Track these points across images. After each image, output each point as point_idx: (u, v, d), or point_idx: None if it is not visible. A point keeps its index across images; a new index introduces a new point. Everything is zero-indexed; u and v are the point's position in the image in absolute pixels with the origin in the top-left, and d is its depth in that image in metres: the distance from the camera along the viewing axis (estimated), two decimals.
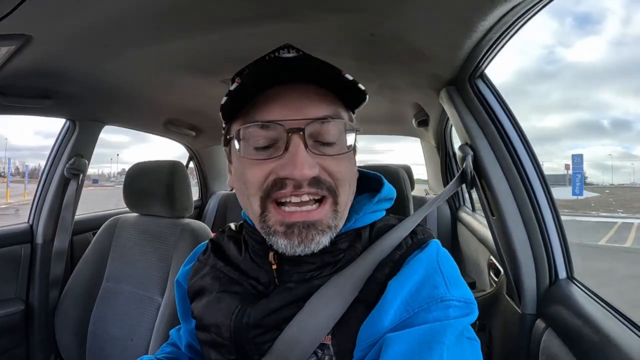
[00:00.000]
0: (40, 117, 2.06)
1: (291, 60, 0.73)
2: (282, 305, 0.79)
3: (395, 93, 2.12)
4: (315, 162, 0.72)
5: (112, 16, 1.14)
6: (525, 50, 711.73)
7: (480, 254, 2.21)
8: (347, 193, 0.78)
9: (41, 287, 2.19)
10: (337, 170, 0.75)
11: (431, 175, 3.79)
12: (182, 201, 1.93)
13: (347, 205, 0.80)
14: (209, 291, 0.92)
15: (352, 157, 0.82)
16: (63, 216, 2.26)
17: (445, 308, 0.68)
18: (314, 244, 0.73)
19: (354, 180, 0.82)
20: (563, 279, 1.32)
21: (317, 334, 0.75)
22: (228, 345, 0.83)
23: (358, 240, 0.84)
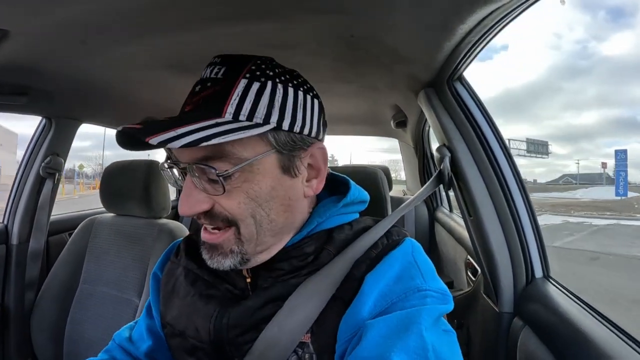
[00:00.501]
0: None
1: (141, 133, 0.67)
2: (261, 304, 0.79)
3: (374, 94, 2.13)
4: (205, 197, 0.74)
5: (90, 13, 1.12)
6: (558, 45, 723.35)
7: (457, 253, 2.23)
8: (249, 225, 0.76)
9: (17, 289, 2.16)
10: (228, 207, 0.74)
11: (409, 176, 3.82)
12: (159, 201, 1.92)
13: (258, 234, 0.77)
14: (183, 295, 0.91)
15: (270, 184, 0.76)
16: (38, 216, 2.23)
17: (422, 297, 0.71)
18: (216, 263, 0.78)
19: (272, 209, 0.78)
20: (539, 277, 1.34)
21: (296, 333, 0.75)
22: (207, 349, 0.84)
23: (330, 243, 0.84)
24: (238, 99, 0.72)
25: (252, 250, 0.78)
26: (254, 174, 0.74)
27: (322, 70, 1.69)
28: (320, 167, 0.84)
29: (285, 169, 0.78)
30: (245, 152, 0.72)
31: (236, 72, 0.75)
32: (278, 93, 0.75)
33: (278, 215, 0.78)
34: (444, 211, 3.06)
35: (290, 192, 0.80)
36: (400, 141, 3.68)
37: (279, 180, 0.77)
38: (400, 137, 3.47)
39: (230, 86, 0.74)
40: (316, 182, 0.84)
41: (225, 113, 0.72)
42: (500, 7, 0.93)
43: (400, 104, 2.28)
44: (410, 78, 1.59)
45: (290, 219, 0.82)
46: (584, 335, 0.96)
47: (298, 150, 0.79)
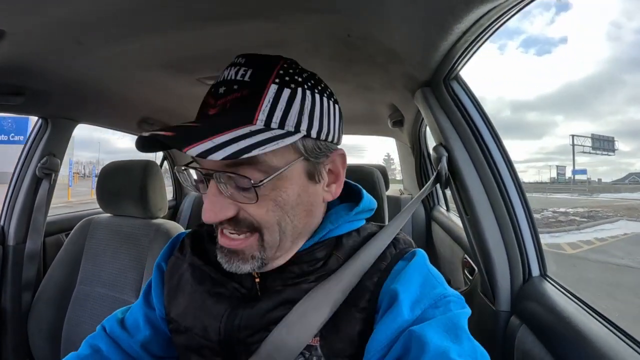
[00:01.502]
0: None
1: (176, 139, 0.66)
2: (273, 306, 0.80)
3: (371, 93, 2.13)
4: (231, 204, 0.73)
5: (86, 13, 1.12)
6: (617, 36, 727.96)
7: (454, 252, 2.23)
8: (274, 232, 0.77)
9: (13, 290, 2.15)
10: (256, 213, 0.74)
11: (405, 175, 3.82)
12: (156, 201, 1.92)
13: (281, 240, 0.78)
14: (189, 291, 0.91)
15: (297, 191, 0.77)
16: (35, 217, 2.22)
17: (447, 303, 0.75)
18: (235, 268, 0.78)
19: (296, 215, 0.79)
20: (536, 276, 1.34)
21: (304, 336, 0.76)
22: (214, 348, 0.84)
23: (339, 248, 0.85)
24: (270, 105, 0.72)
25: (272, 255, 0.79)
26: (283, 181, 0.74)
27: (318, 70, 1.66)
28: (339, 172, 0.85)
29: (310, 175, 0.79)
30: (275, 160, 0.72)
31: (265, 76, 0.74)
32: (307, 100, 0.76)
33: (300, 221, 0.80)
34: (441, 210, 3.06)
35: (313, 197, 0.81)
36: (397, 140, 3.68)
37: (304, 187, 0.78)
38: (397, 136, 3.47)
39: (260, 91, 0.73)
40: (335, 187, 0.85)
41: (256, 120, 0.71)
42: (497, 7, 0.93)
43: (397, 103, 2.28)
44: (406, 77, 1.59)
45: (309, 224, 0.84)
46: (581, 334, 0.97)
47: (322, 157, 0.80)
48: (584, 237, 15.80)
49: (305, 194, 0.78)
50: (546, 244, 13.45)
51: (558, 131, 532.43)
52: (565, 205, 28.55)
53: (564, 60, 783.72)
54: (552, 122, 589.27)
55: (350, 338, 0.77)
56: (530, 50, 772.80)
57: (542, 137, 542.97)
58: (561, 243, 14.24)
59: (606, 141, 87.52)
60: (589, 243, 14.38)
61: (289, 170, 0.74)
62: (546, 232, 16.43)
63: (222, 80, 0.77)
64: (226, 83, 0.75)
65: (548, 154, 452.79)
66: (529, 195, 1.40)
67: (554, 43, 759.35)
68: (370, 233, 0.91)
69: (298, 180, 0.76)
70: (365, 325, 0.77)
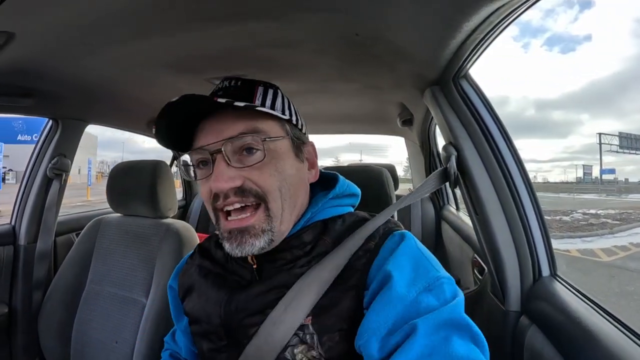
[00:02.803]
0: None
1: (205, 97, 0.86)
2: (265, 290, 0.91)
3: (380, 93, 2.12)
4: (237, 174, 0.87)
5: (94, 14, 1.13)
6: None
7: (464, 252, 2.22)
8: (277, 199, 0.89)
9: (24, 290, 2.17)
10: (261, 179, 0.88)
11: (415, 174, 3.81)
12: (166, 201, 1.92)
13: (283, 209, 0.90)
14: (197, 287, 1.05)
15: (290, 163, 0.94)
16: (46, 217, 2.24)
17: (440, 285, 0.80)
18: (248, 247, 0.87)
19: (292, 184, 0.92)
20: (546, 276, 1.33)
21: (298, 316, 0.85)
22: (219, 332, 0.96)
23: (327, 233, 0.95)
24: (261, 95, 0.95)
25: (277, 228, 0.89)
26: (278, 152, 0.91)
27: (326, 69, 1.69)
28: (314, 160, 1.04)
29: (296, 154, 0.96)
30: (272, 132, 0.91)
31: (251, 82, 0.98)
32: (286, 99, 1.00)
33: (296, 192, 0.94)
34: (451, 209, 3.05)
35: (302, 173, 0.98)
36: (406, 139, 3.67)
37: (294, 162, 0.95)
38: (406, 135, 3.46)
39: (252, 89, 0.96)
40: (314, 172, 1.04)
41: (255, 101, 0.93)
42: (506, 4, 0.93)
43: (406, 103, 2.27)
44: (415, 76, 1.59)
45: (301, 200, 0.97)
46: (591, 334, 0.96)
47: (301, 142, 1.00)
48: (619, 241, 14.80)
49: (296, 168, 0.95)
50: (578, 250, 12.87)
51: (584, 130, 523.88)
52: (595, 206, 27.48)
53: (589, 58, 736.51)
54: (578, 120, 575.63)
55: (340, 314, 0.84)
56: (555, 49, 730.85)
57: (567, 136, 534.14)
58: (594, 249, 13.32)
59: (635, 139, 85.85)
60: (624, 249, 13.39)
61: (281, 143, 0.92)
62: (578, 237, 15.66)
63: (218, 88, 1.00)
64: (222, 89, 0.98)
65: (574, 153, 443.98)
66: (555, 195, 1.38)
67: (578, 41, 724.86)
68: (358, 219, 0.99)
69: (289, 154, 0.94)
70: (353, 301, 0.85)
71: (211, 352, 0.98)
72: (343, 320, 0.84)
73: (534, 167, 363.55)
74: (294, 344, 0.85)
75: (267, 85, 0.99)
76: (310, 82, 1.85)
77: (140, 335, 1.68)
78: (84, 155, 44.99)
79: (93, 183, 29.06)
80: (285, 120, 0.96)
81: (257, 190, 0.87)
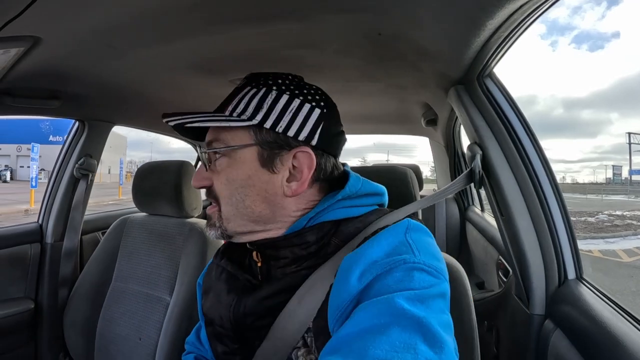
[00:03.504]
0: None
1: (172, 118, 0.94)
2: (272, 293, 0.89)
3: (403, 92, 2.11)
4: (208, 176, 0.94)
5: (119, 17, 1.15)
6: None
7: (489, 254, 2.20)
8: (228, 204, 0.91)
9: (50, 287, 2.22)
10: (217, 185, 0.93)
11: (440, 174, 3.79)
12: (190, 201, 1.93)
13: (236, 215, 0.91)
14: (213, 288, 1.05)
15: (246, 173, 0.90)
16: (72, 216, 2.30)
17: (409, 270, 0.73)
18: (207, 232, 0.97)
19: (247, 195, 0.90)
20: (572, 279, 1.31)
21: (304, 319, 0.83)
22: (230, 335, 0.95)
23: (337, 234, 0.89)
24: (237, 101, 0.92)
25: (232, 229, 0.92)
26: (236, 161, 0.90)
27: (350, 69, 1.69)
28: (302, 170, 0.89)
29: (264, 163, 0.89)
30: (233, 141, 0.89)
31: (249, 82, 0.95)
32: (269, 97, 0.90)
33: (254, 203, 0.90)
34: (476, 210, 3.02)
35: (267, 185, 0.90)
36: (430, 140, 3.66)
37: (256, 172, 0.89)
38: (430, 135, 3.45)
39: (237, 92, 0.94)
40: (296, 185, 0.90)
41: (226, 111, 0.92)
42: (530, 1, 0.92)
43: (430, 102, 2.26)
44: (439, 75, 1.58)
45: (270, 212, 0.91)
46: (617, 340, 0.94)
47: (279, 149, 0.89)
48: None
49: (257, 178, 0.89)
50: (600, 251, 12.82)
51: (613, 129, 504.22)
52: (622, 208, 26.92)
53: (618, 56, 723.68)
54: (607, 119, 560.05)
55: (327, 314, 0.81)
56: (583, 46, 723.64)
57: (596, 136, 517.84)
58: (617, 249, 13.29)
59: None
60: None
61: (242, 152, 0.89)
62: (600, 237, 15.55)
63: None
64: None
65: (603, 153, 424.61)
66: (582, 197, 1.36)
67: (606, 38, 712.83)
68: (377, 218, 0.92)
69: (250, 164, 0.89)
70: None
71: (226, 355, 0.99)
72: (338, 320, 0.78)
73: (562, 168, 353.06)
74: (298, 346, 0.84)
75: (260, 82, 0.92)
76: (334, 82, 1.85)
77: (164, 332, 1.69)
78: (116, 156, 45.99)
79: (123, 182, 29.57)
80: (252, 126, 0.88)
81: (216, 193, 0.93)
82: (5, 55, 1.28)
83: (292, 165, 0.89)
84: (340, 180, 0.96)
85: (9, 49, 1.24)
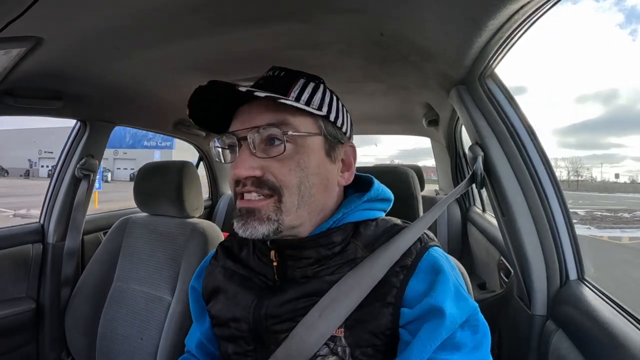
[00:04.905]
0: None
1: (229, 85, 0.84)
2: (296, 297, 0.88)
3: (405, 93, 2.12)
4: (258, 164, 0.85)
5: (121, 18, 1.15)
6: None
7: (490, 254, 2.20)
8: (293, 194, 0.86)
9: (52, 287, 2.22)
10: (280, 173, 0.85)
11: (441, 174, 3.79)
12: (192, 201, 1.94)
13: (299, 206, 0.87)
14: (223, 290, 1.02)
15: (316, 161, 0.89)
16: (74, 216, 2.29)
17: (476, 318, 0.81)
18: (251, 229, 0.85)
19: (314, 183, 0.88)
20: (574, 280, 1.30)
21: (330, 326, 0.83)
22: (247, 337, 0.94)
23: (357, 237, 0.92)
24: (299, 89, 0.90)
25: (288, 222, 0.86)
26: (305, 148, 0.87)
27: (352, 70, 1.69)
28: (351, 162, 0.98)
29: (328, 153, 0.91)
30: (302, 126, 0.87)
31: (295, 74, 0.94)
32: (327, 94, 0.94)
33: (318, 191, 0.89)
34: (477, 211, 3.02)
35: (329, 174, 0.92)
36: (432, 140, 3.66)
37: (322, 161, 0.90)
38: (432, 135, 3.45)
39: (292, 80, 0.91)
40: (347, 175, 0.97)
41: (290, 95, 0.88)
42: (531, 2, 0.92)
43: (432, 102, 2.26)
44: (441, 76, 1.58)
45: (325, 200, 0.92)
46: (619, 341, 0.94)
47: (338, 142, 0.94)
48: None
49: (323, 167, 0.90)
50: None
51: None
52: None
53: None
54: None
55: (376, 330, 0.82)
56: None
57: None
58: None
59: None
60: None
61: (311, 139, 0.88)
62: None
63: (261, 77, 0.96)
64: (264, 78, 0.95)
65: None
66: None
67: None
68: (391, 226, 0.96)
69: (318, 152, 0.89)
70: (390, 319, 0.83)
71: (237, 355, 0.97)
72: (377, 336, 0.83)
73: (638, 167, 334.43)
74: (324, 354, 0.84)
75: (310, 78, 0.94)
76: (337, 82, 1.85)
77: (165, 332, 1.70)
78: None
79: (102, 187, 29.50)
80: (320, 117, 0.91)
81: (274, 182, 0.85)
82: (7, 56, 1.29)
83: (342, 158, 0.96)
84: (357, 180, 1.02)
85: (10, 49, 1.24)
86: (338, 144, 0.94)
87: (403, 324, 0.82)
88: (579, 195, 46.66)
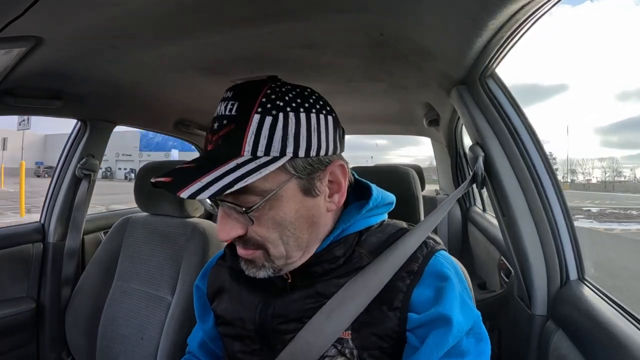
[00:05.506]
0: None
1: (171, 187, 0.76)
2: (303, 297, 0.89)
3: (406, 93, 2.11)
4: (238, 225, 0.82)
5: (121, 17, 1.14)
6: None
7: (490, 254, 2.20)
8: (278, 246, 0.84)
9: (52, 286, 2.22)
10: (259, 232, 0.82)
11: (442, 174, 3.79)
12: (192, 201, 1.93)
13: (287, 251, 0.85)
14: (228, 290, 1.03)
15: (294, 207, 0.83)
16: (74, 215, 2.29)
17: (479, 332, 0.82)
18: (252, 273, 0.87)
19: (297, 228, 0.84)
20: (574, 279, 1.30)
21: (338, 328, 0.83)
22: (252, 336, 0.94)
23: (362, 245, 0.91)
24: (254, 136, 0.77)
25: (282, 263, 0.86)
26: (279, 201, 0.81)
27: (352, 69, 1.69)
28: (340, 181, 0.88)
29: (306, 191, 0.83)
30: (267, 184, 0.78)
31: (248, 108, 0.79)
32: (290, 124, 0.79)
33: (302, 232, 0.85)
34: (477, 210, 3.02)
35: (313, 210, 0.86)
36: (432, 140, 3.66)
37: (302, 203, 0.83)
38: (432, 135, 3.45)
39: (245, 123, 0.78)
40: (338, 197, 0.89)
41: (244, 152, 0.77)
42: (532, 1, 0.91)
43: (432, 102, 2.26)
44: (441, 76, 1.58)
45: (315, 233, 0.88)
46: (619, 341, 0.94)
47: (316, 172, 0.84)
48: None
49: (303, 208, 0.84)
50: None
51: None
52: None
53: None
54: None
55: (383, 333, 0.83)
56: None
57: None
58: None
59: None
60: None
61: (283, 190, 0.80)
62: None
63: (216, 116, 0.83)
64: (219, 119, 0.82)
65: None
66: None
67: None
68: (396, 230, 0.95)
69: (294, 197, 0.82)
70: (397, 323, 0.82)
71: (243, 354, 0.97)
72: (384, 339, 0.83)
73: None
74: (332, 355, 0.84)
75: (267, 109, 0.79)
76: (337, 82, 1.85)
77: (166, 332, 1.70)
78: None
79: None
80: (288, 160, 0.79)
81: (257, 239, 0.83)
82: (7, 56, 1.29)
83: (329, 181, 0.87)
84: (357, 185, 0.99)
85: (11, 49, 1.24)
86: (318, 171, 0.84)
87: (410, 328, 0.82)
88: (610, 196, 47.17)
